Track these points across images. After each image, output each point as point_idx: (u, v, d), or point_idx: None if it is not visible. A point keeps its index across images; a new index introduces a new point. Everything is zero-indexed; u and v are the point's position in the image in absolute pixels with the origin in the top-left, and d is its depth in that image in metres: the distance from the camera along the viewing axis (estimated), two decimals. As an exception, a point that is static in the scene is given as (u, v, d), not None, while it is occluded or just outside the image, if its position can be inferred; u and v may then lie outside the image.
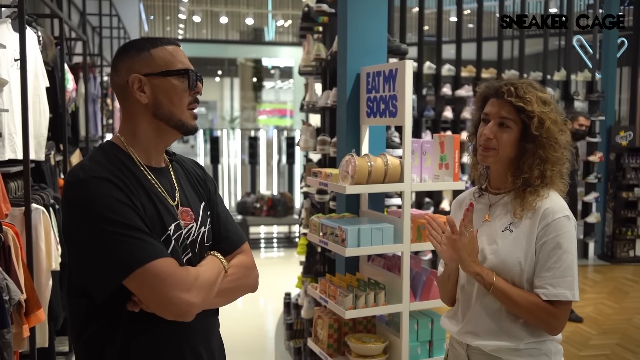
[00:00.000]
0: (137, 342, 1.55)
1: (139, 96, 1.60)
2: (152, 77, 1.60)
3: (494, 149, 1.98)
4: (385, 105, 2.88)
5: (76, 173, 1.51)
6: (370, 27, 3.09)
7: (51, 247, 3.66)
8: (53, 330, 3.97)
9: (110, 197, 1.48)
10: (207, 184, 1.83)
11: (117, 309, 1.53)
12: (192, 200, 1.72)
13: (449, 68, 7.28)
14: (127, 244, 1.46)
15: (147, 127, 1.63)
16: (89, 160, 1.57)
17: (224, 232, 1.79)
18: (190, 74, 1.63)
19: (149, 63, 1.60)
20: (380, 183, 2.73)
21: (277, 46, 13.29)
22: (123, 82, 1.61)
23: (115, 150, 1.62)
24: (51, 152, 4.45)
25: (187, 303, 1.50)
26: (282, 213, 9.19)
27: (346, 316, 2.69)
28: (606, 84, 8.15)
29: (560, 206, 1.94)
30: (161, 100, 1.61)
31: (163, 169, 1.70)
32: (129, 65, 1.60)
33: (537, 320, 1.91)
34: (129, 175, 1.56)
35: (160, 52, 1.62)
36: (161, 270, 1.47)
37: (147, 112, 1.62)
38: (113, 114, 8.09)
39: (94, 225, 1.46)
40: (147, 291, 1.47)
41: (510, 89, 1.96)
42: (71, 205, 1.50)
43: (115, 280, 1.47)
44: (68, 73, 4.84)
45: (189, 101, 1.65)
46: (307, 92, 4.21)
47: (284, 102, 17.42)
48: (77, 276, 1.56)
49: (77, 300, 1.58)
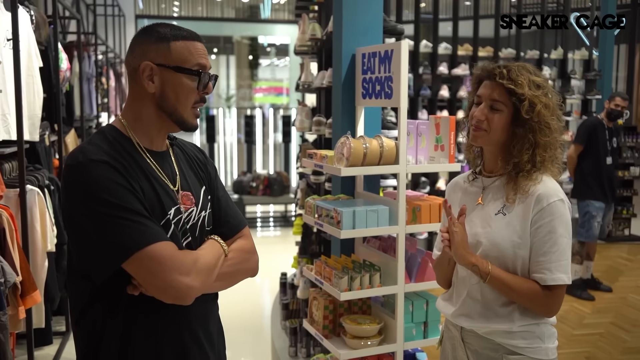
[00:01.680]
0: (137, 326, 1.57)
1: (146, 84, 1.60)
2: (164, 69, 1.59)
3: (484, 131, 1.98)
4: (380, 86, 2.86)
5: (76, 156, 1.51)
6: (365, 7, 3.05)
7: (46, 228, 3.66)
8: (49, 311, 3.99)
9: (109, 179, 1.48)
10: (208, 168, 1.84)
11: (118, 292, 1.54)
12: (192, 185, 1.73)
13: (446, 46, 7.24)
14: (126, 226, 1.46)
15: (151, 114, 1.63)
16: (88, 143, 1.56)
17: (224, 217, 1.80)
18: (202, 76, 1.62)
19: (164, 54, 1.59)
20: (376, 165, 2.72)
21: (273, 24, 13.18)
22: (135, 65, 1.61)
23: (116, 133, 1.61)
24: (45, 132, 4.43)
25: (186, 286, 1.50)
26: (278, 192, 9.20)
27: (341, 298, 2.70)
28: (603, 62, 8.12)
29: (554, 190, 1.94)
30: (168, 94, 1.61)
31: (164, 152, 1.70)
32: (144, 51, 1.60)
33: (535, 305, 1.92)
34: (128, 159, 1.56)
35: (179, 46, 1.61)
36: (160, 254, 1.47)
37: (152, 101, 1.62)
38: (108, 92, 8.04)
39: (93, 208, 1.46)
40: (146, 274, 1.48)
41: (502, 71, 1.96)
42: (70, 189, 1.50)
43: (114, 263, 1.47)
44: (62, 52, 4.80)
45: (195, 100, 1.64)
46: (303, 72, 4.18)
47: (280, 80, 17.34)
48: (77, 259, 1.57)
49: (79, 283, 1.59)
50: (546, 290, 1.89)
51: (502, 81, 1.94)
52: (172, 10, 12.41)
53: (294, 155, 11.14)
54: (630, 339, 4.85)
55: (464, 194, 2.15)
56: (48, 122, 4.59)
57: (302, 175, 4.61)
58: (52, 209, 3.87)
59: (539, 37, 7.89)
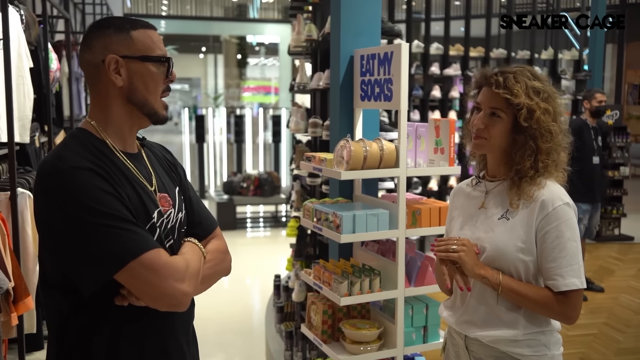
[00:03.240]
0: (122, 336, 1.52)
1: (114, 78, 1.53)
2: (129, 60, 1.54)
3: (485, 139, 1.95)
4: (380, 88, 2.83)
5: (54, 163, 1.44)
6: (364, 8, 3.02)
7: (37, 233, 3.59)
8: (41, 316, 3.92)
9: (94, 187, 1.42)
10: (177, 168, 1.81)
11: (104, 304, 1.48)
12: (167, 186, 1.69)
13: (437, 47, 7.23)
14: (118, 235, 1.41)
15: (120, 110, 1.57)
16: (63, 149, 1.49)
17: (197, 217, 1.77)
18: (169, 62, 1.59)
19: (127, 45, 1.54)
20: (376, 168, 2.69)
21: (262, 23, 13.12)
22: (97, 60, 1.54)
23: (89, 137, 1.55)
24: (35, 133, 4.36)
25: (181, 293, 1.47)
26: (269, 192, 9.15)
27: (341, 303, 2.66)
28: (593, 62, 8.15)
29: (558, 194, 1.92)
30: (137, 86, 1.56)
31: (137, 154, 1.65)
32: (105, 44, 1.53)
33: (552, 313, 1.90)
34: (108, 163, 1.51)
35: (141, 36, 1.56)
36: (154, 262, 1.43)
37: (120, 96, 1.56)
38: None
39: (80, 217, 1.39)
40: (141, 283, 1.43)
41: (499, 79, 1.92)
42: (51, 197, 1.42)
43: (106, 274, 1.42)
44: (52, 52, 4.72)
45: (163, 89, 1.60)
46: (298, 73, 4.14)
47: (268, 79, 17.29)
48: (55, 270, 1.50)
49: (56, 297, 1.52)
50: (561, 297, 1.87)
51: (499, 90, 1.91)
52: (160, 9, 12.33)
53: (284, 155, 11.09)
54: (624, 340, 4.86)
55: (466, 198, 2.13)
56: (38, 123, 4.52)
57: (296, 177, 4.57)
58: (43, 212, 3.80)
59: (529, 38, 7.90)
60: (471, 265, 1.89)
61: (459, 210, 2.13)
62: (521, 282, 1.90)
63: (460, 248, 1.90)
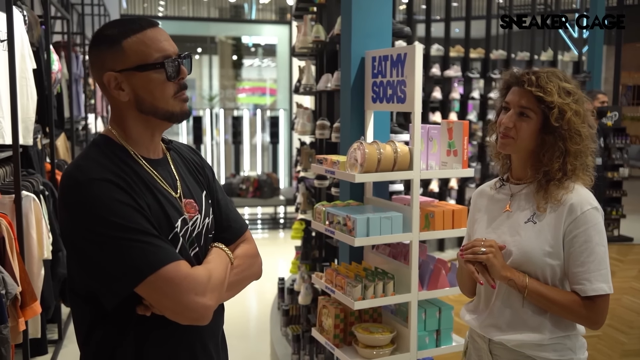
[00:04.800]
0: (149, 343, 1.50)
1: (117, 95, 1.49)
2: (127, 74, 1.47)
3: (512, 138, 1.93)
4: (392, 90, 2.80)
5: (73, 175, 1.41)
6: (375, 9, 2.99)
7: (43, 236, 3.56)
8: (45, 320, 3.88)
9: (113, 199, 1.38)
10: (205, 170, 1.75)
11: (128, 312, 1.46)
12: (194, 191, 1.64)
13: (438, 48, 7.22)
14: (137, 248, 1.37)
15: (135, 121, 1.53)
16: (84, 159, 1.46)
17: (225, 221, 1.72)
18: (167, 66, 1.49)
19: (121, 58, 1.47)
20: (390, 171, 2.66)
21: (259, 24, 13.09)
22: (99, 79, 1.50)
23: (111, 145, 1.51)
24: (38, 136, 4.31)
25: (203, 307, 1.43)
26: (268, 194, 9.11)
27: (355, 307, 2.63)
28: (592, 63, 8.15)
29: (586, 198, 1.90)
30: (142, 97, 1.49)
31: (161, 159, 1.60)
32: (101, 62, 1.48)
33: (578, 317, 1.88)
34: (129, 172, 1.46)
35: (133, 44, 1.47)
36: (174, 275, 1.39)
37: (131, 108, 1.51)
38: (95, 93, 7.89)
39: (99, 232, 1.37)
40: (161, 297, 1.40)
41: (531, 78, 1.91)
42: (72, 211, 1.40)
43: (126, 288, 1.39)
44: (53, 53, 4.68)
45: (175, 90, 1.52)
46: (304, 74, 4.11)
47: (264, 81, 17.26)
48: (80, 282, 1.48)
49: (83, 307, 1.50)
50: (588, 301, 1.85)
51: (531, 88, 1.90)
52: (157, 10, 12.27)
53: (282, 156, 11.06)
54: (628, 341, 4.86)
55: (490, 201, 2.11)
56: (40, 125, 4.47)
57: (300, 179, 4.54)
58: (47, 215, 3.76)
59: (529, 39, 7.90)
60: (498, 267, 1.87)
61: (482, 213, 2.11)
62: (547, 286, 1.89)
63: (489, 250, 1.88)
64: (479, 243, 1.92)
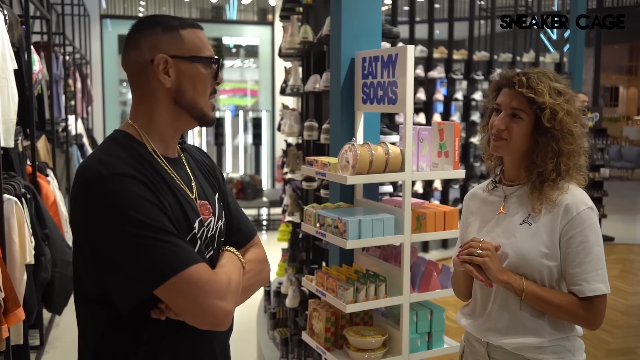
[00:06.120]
0: (161, 350, 1.46)
1: (162, 78, 1.46)
2: (179, 61, 1.47)
3: (505, 140, 1.92)
4: (383, 91, 2.78)
5: (96, 169, 1.36)
6: (365, 10, 2.97)
7: (25, 240, 3.48)
8: (27, 326, 3.79)
9: (138, 196, 1.34)
10: (217, 173, 1.72)
11: (142, 315, 1.41)
12: (207, 193, 1.61)
13: (421, 49, 7.22)
14: (160, 248, 1.33)
15: (166, 113, 1.50)
16: (105, 153, 1.41)
17: (236, 225, 1.69)
18: (219, 63, 1.53)
19: (177, 45, 1.47)
20: (381, 173, 2.64)
21: (240, 25, 13.01)
22: (145, 60, 1.46)
23: (130, 140, 1.47)
24: (18, 137, 4.22)
25: (224, 311, 1.39)
26: (251, 196, 9.06)
27: (347, 310, 2.61)
28: (574, 65, 8.21)
29: (581, 198, 1.90)
30: (185, 87, 1.48)
31: (177, 159, 1.57)
32: (154, 43, 1.46)
33: (576, 319, 1.87)
34: (150, 170, 1.43)
35: (190, 35, 1.50)
36: (197, 277, 1.35)
37: (167, 97, 1.49)
38: (75, 95, 7.78)
39: (122, 229, 1.32)
40: (182, 300, 1.35)
41: (522, 79, 1.90)
42: (92, 207, 1.35)
43: (145, 290, 1.34)
44: (34, 54, 4.59)
45: (211, 91, 1.53)
46: (291, 75, 4.07)
47: (244, 82, 17.19)
48: (91, 283, 1.43)
49: (94, 308, 1.44)
50: (585, 302, 1.84)
51: (522, 89, 1.89)
52: (137, 10, 12.14)
53: (264, 158, 11.01)
54: (613, 340, 4.89)
55: (482, 203, 2.09)
56: (20, 126, 4.38)
57: (287, 181, 4.50)
58: (29, 218, 3.68)
59: (511, 40, 7.94)
60: (495, 271, 1.86)
61: (475, 216, 2.09)
62: (544, 288, 1.88)
63: (485, 253, 1.87)
64: (476, 244, 1.90)
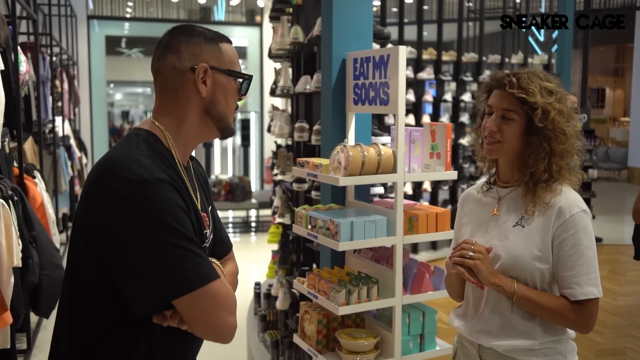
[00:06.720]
0: (158, 352, 1.46)
1: (200, 87, 1.48)
2: (216, 72, 1.50)
3: (498, 142, 1.91)
4: (375, 92, 2.77)
5: (137, 170, 1.34)
6: (356, 10, 2.96)
7: (12, 242, 3.43)
8: (14, 330, 3.75)
9: (175, 204, 1.35)
10: (209, 185, 1.73)
11: (145, 317, 1.41)
12: (205, 205, 1.61)
13: (411, 50, 7.23)
14: (188, 259, 1.33)
15: (195, 121, 1.52)
16: (139, 153, 1.39)
17: (218, 237, 1.70)
18: (250, 80, 1.58)
19: (217, 57, 1.51)
20: (373, 174, 2.63)
21: (228, 26, 12.97)
22: (184, 67, 1.48)
23: (159, 144, 1.47)
24: (5, 139, 4.18)
25: (232, 326, 1.43)
26: (240, 198, 9.02)
27: (340, 313, 2.59)
28: (562, 66, 8.24)
29: (575, 201, 1.89)
30: (219, 98, 1.52)
31: (188, 168, 1.59)
32: (196, 52, 1.49)
33: (567, 322, 1.86)
34: (178, 178, 1.44)
35: (228, 49, 1.54)
36: (217, 292, 1.37)
37: (200, 106, 1.51)
38: (62, 96, 7.71)
39: (155, 234, 1.31)
40: (199, 313, 1.36)
41: (512, 79, 1.90)
42: (130, 206, 1.32)
43: (168, 297, 1.34)
44: (21, 54, 4.54)
45: (236, 105, 1.59)
46: (281, 76, 4.05)
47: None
48: (99, 280, 1.39)
49: (99, 306, 1.41)
50: (577, 306, 1.83)
51: (513, 90, 1.88)
52: (125, 11, 12.07)
53: (253, 159, 10.97)
54: (603, 341, 4.91)
55: (477, 204, 2.08)
56: (7, 128, 4.33)
57: (277, 182, 4.48)
58: (16, 221, 3.64)
59: (499, 42, 7.97)
60: (486, 274, 1.85)
61: (470, 217, 2.08)
62: (536, 291, 1.87)
63: (477, 255, 1.85)
64: (468, 247, 1.89)
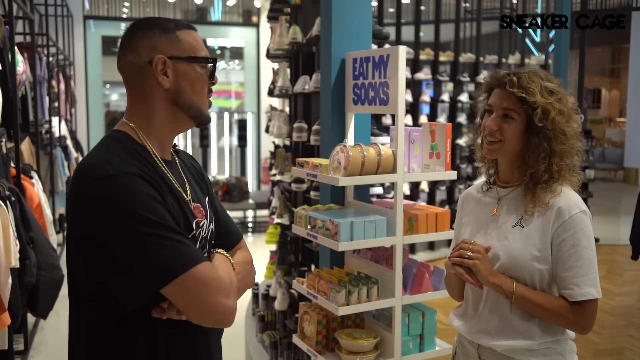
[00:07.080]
0: (161, 346, 1.45)
1: (161, 79, 1.47)
2: (176, 61, 1.48)
3: (499, 142, 1.91)
4: (375, 92, 2.77)
5: (102, 168, 1.35)
6: (355, 10, 2.95)
7: (10, 243, 3.42)
8: (12, 331, 3.73)
9: (147, 195, 1.35)
10: (205, 177, 1.75)
11: (142, 314, 1.41)
12: (199, 196, 1.62)
13: (408, 51, 7.22)
14: (168, 246, 1.33)
15: (164, 114, 1.51)
16: (108, 153, 1.41)
17: (224, 228, 1.71)
18: (215, 64, 1.55)
19: (175, 45, 1.49)
20: (373, 174, 2.62)
21: (224, 26, 12.96)
22: (143, 62, 1.47)
23: (130, 141, 1.47)
24: (2, 139, 4.16)
25: (229, 309, 1.42)
26: (237, 198, 9.01)
27: (339, 313, 2.58)
28: (558, 67, 8.25)
29: (574, 201, 1.89)
30: (184, 87, 1.50)
31: (172, 161, 1.59)
32: (152, 45, 1.47)
33: (566, 322, 1.86)
34: (152, 171, 1.43)
35: (186, 36, 1.51)
36: (204, 275, 1.36)
37: (166, 98, 1.50)
38: (58, 96, 7.69)
39: (132, 227, 1.32)
40: (189, 298, 1.36)
41: (512, 79, 1.89)
42: (101, 205, 1.33)
43: (154, 287, 1.34)
44: (18, 54, 4.52)
45: (207, 90, 1.56)
46: (280, 76, 4.05)
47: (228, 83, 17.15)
48: (89, 282, 1.41)
49: (98, 307, 1.42)
50: (576, 306, 1.83)
51: (513, 89, 1.88)
52: (121, 11, 12.05)
53: (250, 160, 10.96)
54: (600, 341, 4.91)
55: (477, 204, 2.08)
56: (4, 128, 4.32)
57: (275, 183, 4.48)
58: (14, 221, 3.62)
59: (496, 42, 7.98)
60: (485, 274, 1.85)
61: (469, 217, 2.08)
62: (535, 291, 1.86)
63: (476, 256, 1.85)
64: (467, 247, 1.89)
